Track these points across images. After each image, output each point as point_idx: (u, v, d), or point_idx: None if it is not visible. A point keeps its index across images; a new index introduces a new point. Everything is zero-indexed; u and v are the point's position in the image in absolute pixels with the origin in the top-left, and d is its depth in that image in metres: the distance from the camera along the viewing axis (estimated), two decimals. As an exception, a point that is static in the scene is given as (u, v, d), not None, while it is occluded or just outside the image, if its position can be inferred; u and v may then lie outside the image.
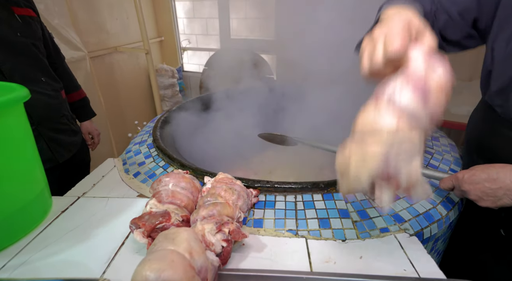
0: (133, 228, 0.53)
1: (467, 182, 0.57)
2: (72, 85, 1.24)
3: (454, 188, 0.61)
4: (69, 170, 1.14)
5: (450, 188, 0.62)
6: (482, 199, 0.55)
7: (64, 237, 0.57)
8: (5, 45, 0.89)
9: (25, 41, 0.95)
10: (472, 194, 0.56)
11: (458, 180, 0.59)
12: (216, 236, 0.50)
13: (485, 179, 0.54)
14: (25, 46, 0.95)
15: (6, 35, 0.89)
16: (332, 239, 0.59)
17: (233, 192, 0.60)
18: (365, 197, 0.69)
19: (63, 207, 0.66)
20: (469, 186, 0.56)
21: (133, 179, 0.82)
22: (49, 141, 1.02)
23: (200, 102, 1.38)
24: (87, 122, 1.30)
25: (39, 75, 0.99)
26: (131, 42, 2.38)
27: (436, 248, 0.72)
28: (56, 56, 1.16)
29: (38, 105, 0.97)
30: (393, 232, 0.61)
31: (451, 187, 0.61)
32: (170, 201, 0.57)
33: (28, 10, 1.00)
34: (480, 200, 0.56)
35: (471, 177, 0.56)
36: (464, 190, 0.57)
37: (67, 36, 1.67)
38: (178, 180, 0.63)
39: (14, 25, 0.92)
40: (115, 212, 0.65)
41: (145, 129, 1.17)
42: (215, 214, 0.54)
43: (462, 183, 0.58)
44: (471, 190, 0.56)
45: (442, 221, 0.66)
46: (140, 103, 2.64)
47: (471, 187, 0.56)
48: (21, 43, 0.93)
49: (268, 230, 0.61)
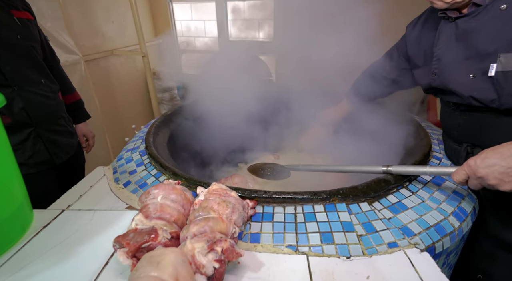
0: (117, 247, 0.48)
1: (481, 166, 0.54)
2: (67, 87, 1.24)
3: (468, 179, 0.57)
4: (66, 172, 1.13)
5: (465, 179, 0.58)
6: (503, 182, 0.52)
7: (43, 257, 0.52)
8: (6, 47, 0.89)
9: (25, 43, 0.95)
10: (491, 178, 0.53)
11: (471, 167, 0.55)
12: (207, 256, 0.45)
13: (499, 158, 0.52)
14: (25, 49, 0.95)
15: (7, 38, 0.89)
16: (335, 255, 0.54)
17: (227, 205, 0.55)
18: (370, 208, 0.64)
19: (45, 221, 0.62)
20: (485, 170, 0.53)
21: (123, 189, 0.77)
22: (47, 143, 1.01)
23: (198, 105, 1.33)
24: (82, 124, 1.29)
25: (39, 77, 0.99)
26: (128, 45, 2.35)
27: (448, 262, 0.67)
28: (52, 59, 1.16)
29: (38, 106, 0.97)
30: (402, 248, 0.56)
31: (466, 178, 0.57)
32: (159, 216, 0.53)
33: (26, 13, 1.00)
34: (502, 183, 0.52)
35: (483, 160, 0.54)
36: (481, 176, 0.54)
37: (61, 40, 1.63)
38: (168, 192, 0.58)
39: (14, 28, 0.92)
40: (100, 227, 0.60)
41: (139, 135, 1.12)
42: (206, 230, 0.49)
43: (476, 169, 0.54)
44: (489, 174, 0.53)
45: (455, 234, 0.61)
46: (138, 106, 2.60)
47: (487, 170, 0.53)
48: (21, 45, 0.94)
49: (266, 246, 0.56)
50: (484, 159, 0.53)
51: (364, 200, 0.65)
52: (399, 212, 0.63)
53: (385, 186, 0.67)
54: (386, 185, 0.68)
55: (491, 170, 0.52)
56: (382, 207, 0.64)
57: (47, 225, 0.61)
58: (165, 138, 1.07)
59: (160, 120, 1.13)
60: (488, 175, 0.53)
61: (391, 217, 0.62)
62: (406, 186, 0.70)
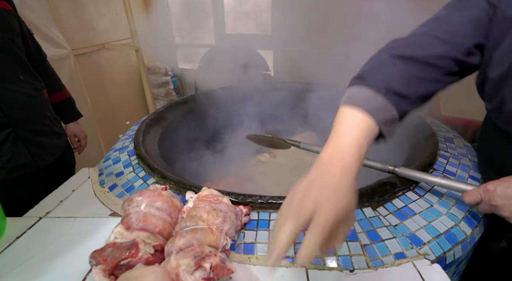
0: (93, 264, 0.43)
1: (501, 195, 0.48)
2: (55, 84, 1.15)
3: (480, 202, 0.52)
4: (53, 175, 1.05)
5: (477, 202, 0.52)
6: None
7: (13, 272, 0.47)
8: None
9: (1, 35, 0.86)
10: (506, 210, 0.48)
11: (489, 193, 0.50)
12: (194, 274, 0.40)
13: None
14: (0, 41, 0.86)
15: None
16: (338, 269, 0.49)
17: (218, 213, 0.50)
18: (374, 214, 0.59)
19: (19, 231, 0.56)
20: (503, 201, 0.48)
21: (108, 193, 0.71)
22: (28, 144, 0.94)
23: (192, 101, 1.27)
24: (73, 124, 1.21)
25: (17, 72, 0.91)
26: (120, 38, 2.26)
27: (458, 271, 0.62)
28: (36, 54, 1.07)
29: (16, 105, 0.89)
30: (410, 259, 0.51)
31: (478, 201, 0.52)
32: (141, 227, 0.47)
33: (4, 3, 0.91)
34: None
35: (505, 189, 0.48)
36: (495, 204, 0.49)
37: (48, 33, 1.55)
38: (153, 199, 0.52)
39: None
40: (80, 237, 0.55)
41: (129, 133, 1.07)
42: (194, 244, 0.44)
43: (493, 196, 0.49)
44: (505, 205, 0.47)
45: (467, 242, 0.56)
46: (132, 102, 2.52)
47: (505, 201, 0.47)
48: None
49: (261, 258, 0.51)
50: (506, 189, 0.48)
51: (368, 205, 0.60)
52: (406, 218, 0.58)
53: (390, 189, 0.62)
54: (392, 188, 0.62)
55: (509, 202, 0.47)
56: (388, 213, 0.59)
57: (20, 236, 0.55)
58: (156, 136, 1.01)
59: (151, 117, 1.08)
60: (504, 207, 0.48)
61: (397, 224, 0.57)
62: (413, 189, 0.65)
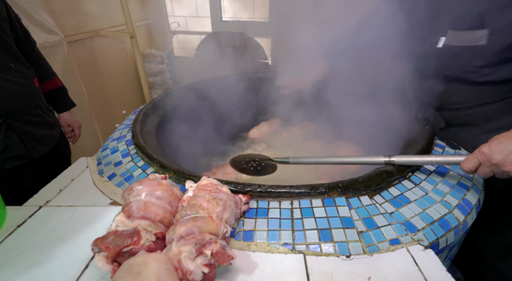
0: (96, 251, 0.44)
1: (498, 152, 0.51)
2: (46, 72, 1.12)
3: (479, 167, 0.54)
4: (48, 165, 1.03)
5: (476, 167, 0.54)
6: None
7: (15, 261, 0.48)
8: None
9: None
10: (507, 165, 0.50)
11: (485, 154, 0.52)
12: (195, 261, 0.41)
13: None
14: None
15: None
16: (334, 254, 0.51)
17: (218, 202, 0.50)
18: (371, 202, 0.60)
19: (19, 220, 0.57)
20: (502, 156, 0.50)
21: (107, 182, 0.72)
22: (22, 135, 0.91)
23: (190, 90, 1.26)
24: (66, 113, 1.19)
25: (7, 60, 0.87)
26: (114, 25, 2.20)
27: (450, 256, 0.64)
28: (25, 40, 1.03)
29: (7, 94, 0.86)
30: (405, 244, 0.53)
31: (477, 166, 0.54)
32: (142, 216, 0.48)
33: None
34: None
35: (497, 146, 0.51)
36: (496, 162, 0.51)
37: (39, 18, 1.50)
38: (153, 188, 0.53)
39: None
40: (81, 225, 0.55)
41: (126, 122, 1.06)
42: (195, 232, 0.45)
43: (491, 155, 0.51)
44: (505, 160, 0.50)
45: (459, 228, 0.58)
46: (128, 91, 2.48)
47: (504, 156, 0.50)
48: None
49: (260, 245, 0.53)
50: (498, 145, 0.50)
51: (365, 193, 0.61)
52: (401, 206, 0.59)
53: (387, 178, 0.63)
54: (388, 177, 0.63)
55: (508, 156, 0.49)
56: (384, 201, 0.61)
57: (21, 224, 0.56)
58: (154, 126, 1.00)
59: (148, 106, 1.07)
60: (504, 162, 0.50)
61: (393, 211, 0.58)
62: (409, 178, 0.66)
